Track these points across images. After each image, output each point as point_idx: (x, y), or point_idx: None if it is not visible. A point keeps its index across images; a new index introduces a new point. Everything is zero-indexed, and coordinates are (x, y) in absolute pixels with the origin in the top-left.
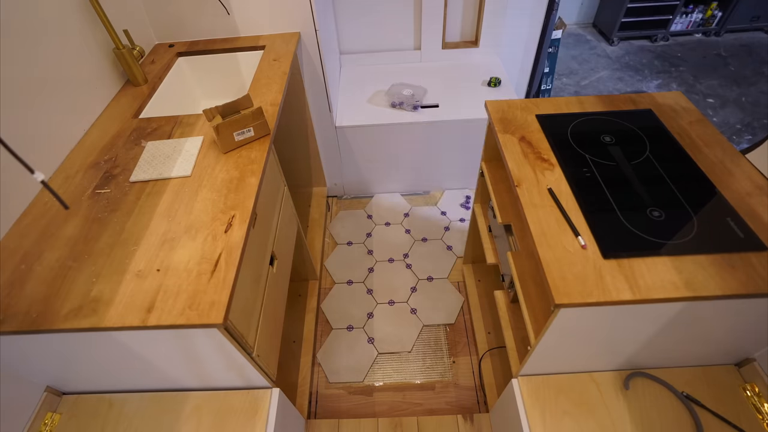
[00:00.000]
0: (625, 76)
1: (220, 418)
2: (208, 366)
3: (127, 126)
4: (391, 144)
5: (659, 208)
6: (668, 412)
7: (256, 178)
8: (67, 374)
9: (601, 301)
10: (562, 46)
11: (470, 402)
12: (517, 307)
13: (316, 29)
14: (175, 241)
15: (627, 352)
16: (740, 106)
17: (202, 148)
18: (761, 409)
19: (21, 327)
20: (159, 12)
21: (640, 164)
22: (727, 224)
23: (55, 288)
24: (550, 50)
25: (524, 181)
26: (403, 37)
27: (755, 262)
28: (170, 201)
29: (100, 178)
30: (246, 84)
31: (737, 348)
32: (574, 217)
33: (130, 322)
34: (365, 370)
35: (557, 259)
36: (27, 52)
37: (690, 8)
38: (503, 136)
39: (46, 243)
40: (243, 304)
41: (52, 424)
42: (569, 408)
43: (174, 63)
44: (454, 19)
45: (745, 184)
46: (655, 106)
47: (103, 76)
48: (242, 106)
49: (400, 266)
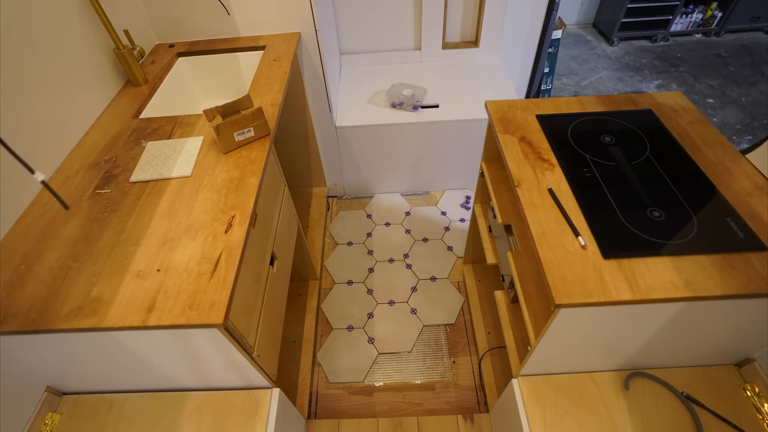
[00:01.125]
0: (625, 76)
1: (220, 418)
2: (208, 366)
3: (128, 126)
4: (391, 144)
5: (659, 208)
6: (668, 412)
7: (256, 178)
8: (67, 374)
9: (601, 301)
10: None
11: (470, 402)
12: (517, 307)
13: (316, 29)
14: (176, 241)
15: (627, 352)
16: (740, 106)
17: (203, 149)
18: (761, 409)
19: (21, 327)
20: (159, 12)
21: (640, 164)
22: (727, 224)
23: (55, 288)
24: (550, 50)
25: (524, 181)
26: (403, 37)
27: (755, 262)
28: (170, 201)
29: (100, 179)
30: (246, 84)
31: (737, 348)
32: (574, 217)
33: (131, 323)
34: (365, 370)
35: (557, 259)
36: (27, 52)
37: (690, 8)
38: (503, 136)
39: (47, 243)
40: (243, 304)
41: (52, 424)
42: (569, 408)
43: (174, 63)
44: (454, 19)
45: (745, 184)
46: (655, 106)
47: (103, 76)
48: (242, 107)
49: (400, 266)
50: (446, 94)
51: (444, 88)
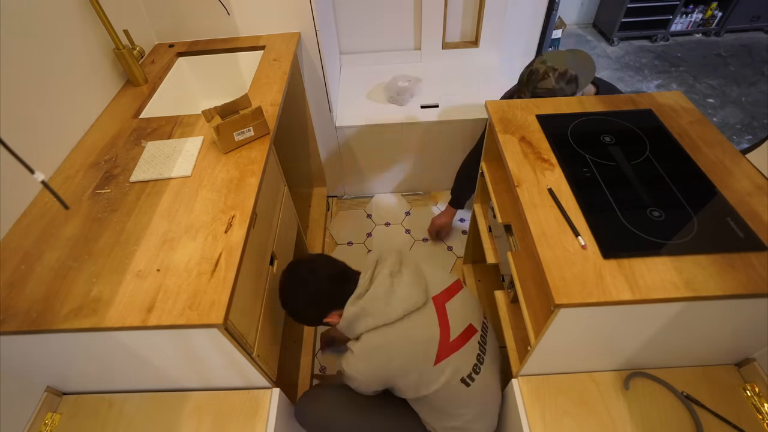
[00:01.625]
0: (625, 76)
1: (220, 418)
2: (208, 366)
3: (127, 126)
4: (392, 144)
5: (659, 208)
6: (668, 412)
7: (256, 178)
8: (67, 374)
9: (601, 301)
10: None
11: None
12: (517, 307)
13: (316, 29)
14: (175, 241)
15: (627, 352)
16: (740, 106)
17: (202, 148)
18: (761, 409)
19: (21, 327)
20: (159, 12)
21: (640, 164)
22: (727, 224)
23: (55, 288)
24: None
25: (524, 181)
26: (403, 37)
27: (755, 262)
28: (170, 201)
29: (100, 178)
30: (246, 84)
31: (737, 348)
32: (574, 217)
33: (131, 322)
34: None
35: (557, 259)
36: (27, 52)
37: (690, 8)
38: (503, 136)
39: (46, 243)
40: (243, 304)
41: (52, 424)
42: (569, 408)
43: (174, 63)
44: (454, 19)
45: (745, 184)
46: (655, 106)
47: (103, 76)
48: (240, 107)
49: None
50: (446, 94)
51: (444, 87)
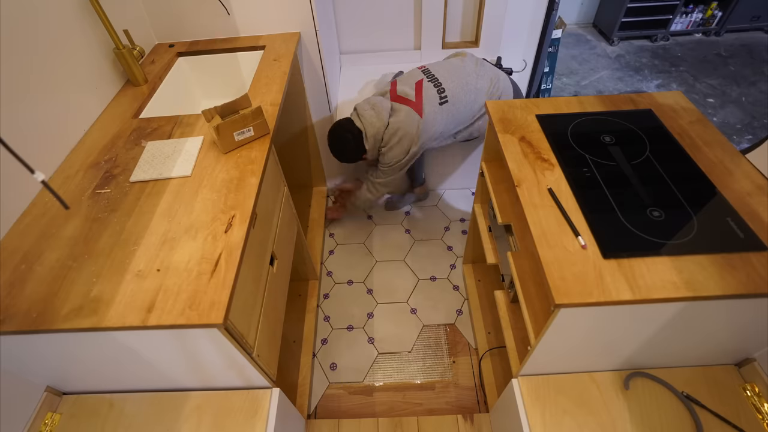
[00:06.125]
0: (625, 76)
1: (220, 418)
2: (208, 366)
3: (127, 126)
4: None
5: (659, 208)
6: (668, 412)
7: (256, 178)
8: (67, 374)
9: (601, 301)
10: (562, 46)
11: (470, 402)
12: (517, 307)
13: (316, 29)
14: (175, 241)
15: (627, 352)
16: (740, 106)
17: (202, 148)
18: (761, 409)
19: (21, 327)
20: (159, 12)
21: (640, 164)
22: (727, 224)
23: (55, 288)
24: (550, 50)
25: (524, 181)
26: (403, 37)
27: (755, 262)
28: (170, 201)
29: (100, 178)
30: (246, 84)
31: (737, 348)
32: (574, 217)
33: (131, 322)
34: (365, 370)
35: (557, 259)
36: (27, 51)
37: (690, 8)
38: (503, 136)
39: (47, 243)
40: (243, 304)
41: (52, 424)
42: (569, 408)
43: (174, 63)
44: (454, 19)
45: (745, 184)
46: (655, 106)
47: (103, 76)
48: (240, 106)
49: (400, 266)
50: None
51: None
